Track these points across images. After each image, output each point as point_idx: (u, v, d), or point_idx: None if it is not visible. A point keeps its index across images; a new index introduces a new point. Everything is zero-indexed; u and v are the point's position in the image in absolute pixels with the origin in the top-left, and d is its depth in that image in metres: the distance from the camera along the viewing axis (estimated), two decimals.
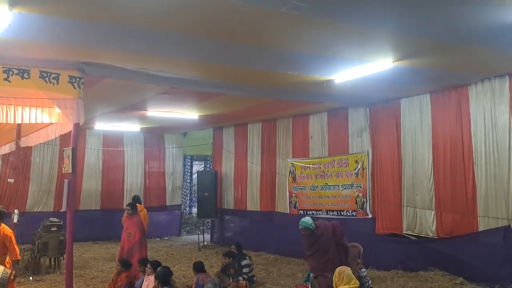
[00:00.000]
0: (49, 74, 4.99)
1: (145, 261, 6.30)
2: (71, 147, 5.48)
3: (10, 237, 5.44)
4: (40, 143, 7.53)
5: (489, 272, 6.23)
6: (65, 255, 5.89)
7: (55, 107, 5.29)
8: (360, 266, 5.95)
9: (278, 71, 6.04)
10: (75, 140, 5.50)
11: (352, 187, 8.82)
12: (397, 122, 8.03)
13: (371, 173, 8.50)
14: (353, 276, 4.27)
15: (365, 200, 8.55)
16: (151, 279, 5.78)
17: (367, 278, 5.97)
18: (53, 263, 8.34)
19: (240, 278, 6.72)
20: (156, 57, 5.31)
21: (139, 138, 12.92)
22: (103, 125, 11.42)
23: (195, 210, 13.90)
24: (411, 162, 7.77)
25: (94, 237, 11.66)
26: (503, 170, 6.36)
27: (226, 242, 10.88)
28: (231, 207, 11.65)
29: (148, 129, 12.29)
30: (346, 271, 4.27)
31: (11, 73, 4.83)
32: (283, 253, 9.43)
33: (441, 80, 6.70)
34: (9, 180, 10.02)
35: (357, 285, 4.22)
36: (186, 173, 14.15)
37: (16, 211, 7.40)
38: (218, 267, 7.63)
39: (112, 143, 12.47)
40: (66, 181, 5.52)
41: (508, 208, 6.26)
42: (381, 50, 5.07)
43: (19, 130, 7.80)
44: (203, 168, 14.89)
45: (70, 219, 5.41)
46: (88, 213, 11.78)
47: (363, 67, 5.68)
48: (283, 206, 10.26)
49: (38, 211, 11.19)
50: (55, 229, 8.14)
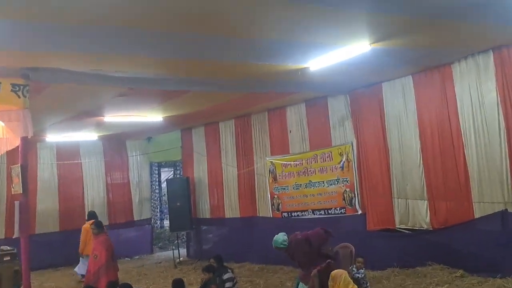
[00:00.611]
0: None
1: (113, 285, 6.22)
2: (20, 164, 5.37)
3: None
4: None
5: (490, 261, 6.34)
6: None
7: None
8: (359, 265, 6.02)
9: (248, 62, 6.06)
10: (24, 156, 5.41)
11: (338, 182, 8.89)
12: (380, 108, 8.14)
13: (357, 166, 8.58)
14: (350, 280, 4.35)
15: (353, 195, 8.65)
16: None
17: (365, 279, 6.04)
18: None
19: None
20: (110, 56, 5.27)
21: (97, 147, 12.77)
22: (56, 136, 11.27)
23: (167, 223, 13.69)
24: (398, 149, 7.88)
25: (55, 263, 11.40)
26: (495, 150, 6.49)
27: (204, 255, 10.81)
28: (208, 216, 11.64)
29: (107, 137, 12.20)
30: (342, 275, 4.33)
31: None
32: (269, 262, 9.42)
33: (422, 60, 6.79)
34: None
35: None
36: (154, 183, 14.03)
37: None
38: (197, 284, 7.61)
39: (67, 155, 12.26)
40: (16, 203, 5.43)
41: (503, 190, 6.39)
42: (357, 32, 5.13)
43: None
44: (172, 175, 14.79)
45: (25, 246, 5.31)
46: (45, 237, 11.52)
47: (339, 52, 5.75)
48: (265, 209, 10.30)
49: None
50: (8, 258, 7.90)
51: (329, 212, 9.03)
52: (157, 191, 14.21)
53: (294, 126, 9.74)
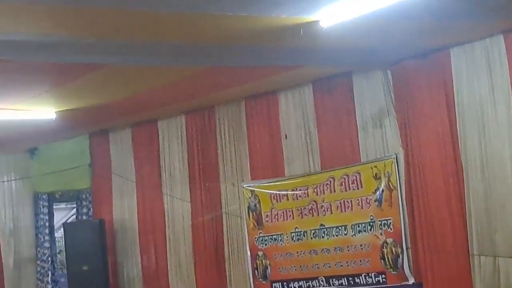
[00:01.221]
0: None
1: None
2: None
3: None
4: None
5: None
6: None
7: None
8: None
9: (212, 14, 6.04)
10: None
11: (372, 227, 8.93)
12: (448, 93, 8.21)
13: (406, 197, 8.65)
14: None
15: (399, 250, 8.70)
16: None
17: None
18: None
19: None
20: None
21: None
22: None
23: None
24: (481, 168, 7.93)
25: None
26: None
27: None
28: None
29: None
30: None
31: None
32: None
33: None
34: None
35: None
36: (41, 229, 13.83)
37: None
38: None
39: None
40: None
41: None
42: None
43: None
44: (74, 216, 14.76)
45: None
46: None
47: None
48: (241, 278, 10.38)
49: None
50: None
51: (357, 281, 9.04)
52: (47, 244, 13.92)
53: (292, 127, 9.83)
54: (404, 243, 8.62)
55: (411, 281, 8.56)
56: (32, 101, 9.20)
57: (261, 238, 10.10)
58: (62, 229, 13.15)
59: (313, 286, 9.47)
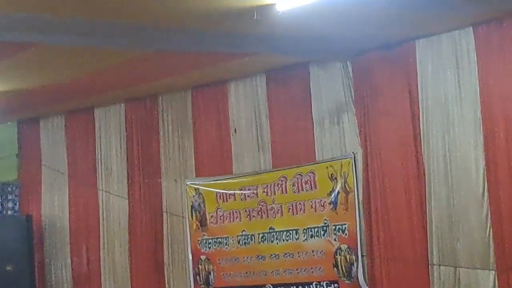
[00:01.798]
0: None
1: None
2: None
3: None
4: None
5: None
6: None
7: None
8: None
9: None
10: None
11: (326, 232, 8.94)
12: (412, 88, 8.25)
13: (363, 200, 8.69)
14: None
15: (354, 257, 8.72)
16: None
17: None
18: None
19: None
20: None
21: None
22: None
23: None
24: (444, 170, 8.00)
25: None
26: None
27: None
28: None
29: None
30: None
31: None
32: None
33: None
34: None
35: None
36: None
37: None
38: None
39: None
40: None
41: None
42: None
43: None
44: None
45: None
46: None
47: None
48: (181, 283, 10.39)
49: None
50: None
51: None
52: None
53: (242, 121, 9.87)
54: (359, 250, 8.64)
55: None
56: None
57: (204, 240, 10.06)
58: None
59: None
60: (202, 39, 7.49)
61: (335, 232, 8.81)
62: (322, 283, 8.90)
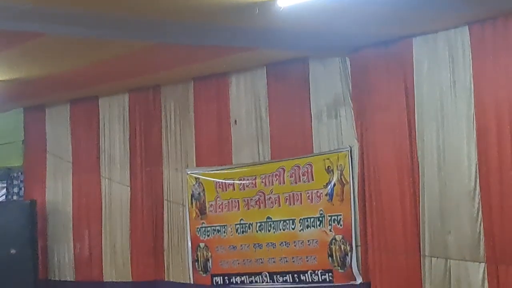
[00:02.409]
0: None
1: None
2: None
3: None
4: None
5: None
6: None
7: None
8: None
9: None
10: None
11: (322, 223, 8.92)
12: (407, 83, 8.22)
13: (358, 192, 8.67)
14: None
15: (348, 248, 8.72)
16: None
17: None
18: None
19: None
20: None
21: None
22: None
23: None
24: (437, 164, 7.98)
25: None
26: None
27: None
28: (70, 277, 11.65)
29: None
30: None
31: None
32: None
33: None
34: None
35: None
36: None
37: None
38: None
39: None
40: None
41: None
42: None
43: None
44: (4, 196, 14.27)
45: None
46: None
47: None
48: (180, 269, 10.40)
49: None
50: None
51: (303, 279, 9.06)
52: None
53: (242, 112, 9.87)
54: (353, 240, 8.66)
55: (359, 280, 8.59)
56: None
57: (203, 228, 10.05)
58: None
59: (256, 281, 9.46)
60: (204, 33, 7.48)
61: (330, 222, 8.82)
62: (316, 271, 8.89)
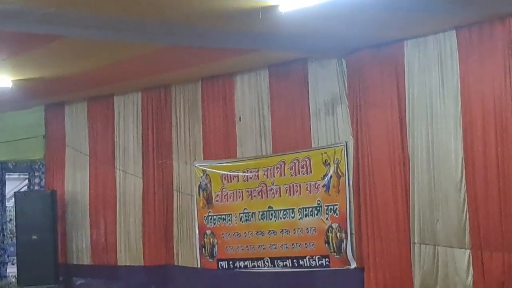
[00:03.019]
0: None
1: None
2: None
3: None
4: None
5: None
6: None
7: None
8: None
9: None
10: None
11: (319, 212, 9.00)
12: (399, 83, 8.27)
13: (353, 184, 8.72)
14: None
15: (343, 235, 8.78)
16: None
17: None
18: None
19: None
20: None
21: None
22: None
23: (13, 270, 13.33)
24: (427, 159, 8.02)
25: None
26: None
27: None
28: (87, 261, 11.76)
29: None
30: None
31: None
32: None
33: (478, 4, 6.90)
34: None
35: None
36: None
37: None
38: None
39: None
40: None
41: None
42: None
43: None
44: (26, 186, 14.60)
45: None
46: None
47: None
48: (188, 255, 10.45)
49: None
50: None
51: (301, 263, 9.13)
52: None
53: (246, 110, 9.92)
54: (348, 228, 8.73)
55: (353, 265, 8.68)
56: None
57: (210, 217, 10.15)
58: (13, 199, 12.99)
59: (258, 266, 9.55)
60: (212, 36, 7.57)
61: (327, 212, 8.91)
62: (314, 257, 8.99)
